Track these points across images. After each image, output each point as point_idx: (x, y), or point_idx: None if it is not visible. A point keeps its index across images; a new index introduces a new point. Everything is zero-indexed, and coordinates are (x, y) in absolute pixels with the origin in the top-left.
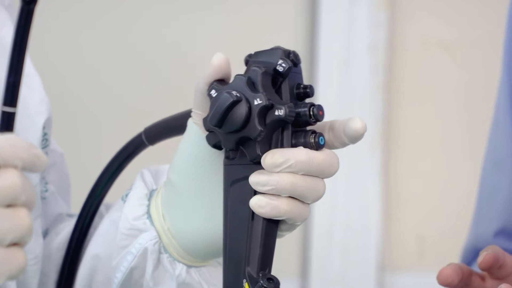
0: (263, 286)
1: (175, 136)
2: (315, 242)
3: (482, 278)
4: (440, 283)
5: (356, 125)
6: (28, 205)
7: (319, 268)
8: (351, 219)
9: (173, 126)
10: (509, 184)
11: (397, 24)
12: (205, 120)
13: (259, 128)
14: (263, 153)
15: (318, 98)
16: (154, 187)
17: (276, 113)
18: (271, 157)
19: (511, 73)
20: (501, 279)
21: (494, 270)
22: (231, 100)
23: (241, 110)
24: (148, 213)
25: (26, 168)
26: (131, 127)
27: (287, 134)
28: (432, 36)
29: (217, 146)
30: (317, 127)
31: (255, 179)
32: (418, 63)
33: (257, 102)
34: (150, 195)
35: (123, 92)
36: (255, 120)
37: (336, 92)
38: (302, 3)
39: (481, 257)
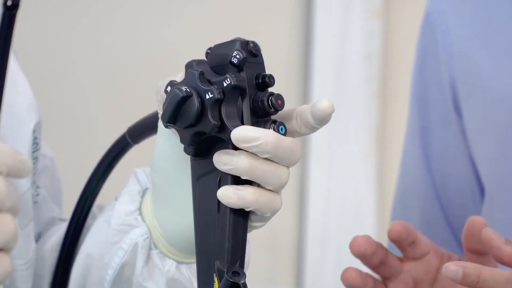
0: (228, 281)
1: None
2: (309, 251)
3: (400, 260)
4: (353, 252)
5: (323, 105)
6: (13, 211)
7: (314, 277)
8: (345, 227)
9: (154, 123)
10: (418, 214)
11: (391, 32)
12: (162, 118)
13: (213, 122)
14: (234, 127)
15: None
16: (148, 186)
17: (225, 83)
18: (240, 132)
19: (420, 107)
20: (417, 259)
21: (406, 245)
22: (180, 96)
23: (193, 105)
24: (140, 210)
25: (10, 174)
26: (124, 130)
27: (247, 113)
28: None
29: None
30: (284, 114)
31: (217, 157)
32: None
33: (208, 96)
34: (143, 193)
35: (115, 95)
36: (208, 114)
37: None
38: (296, 12)
39: (389, 226)
